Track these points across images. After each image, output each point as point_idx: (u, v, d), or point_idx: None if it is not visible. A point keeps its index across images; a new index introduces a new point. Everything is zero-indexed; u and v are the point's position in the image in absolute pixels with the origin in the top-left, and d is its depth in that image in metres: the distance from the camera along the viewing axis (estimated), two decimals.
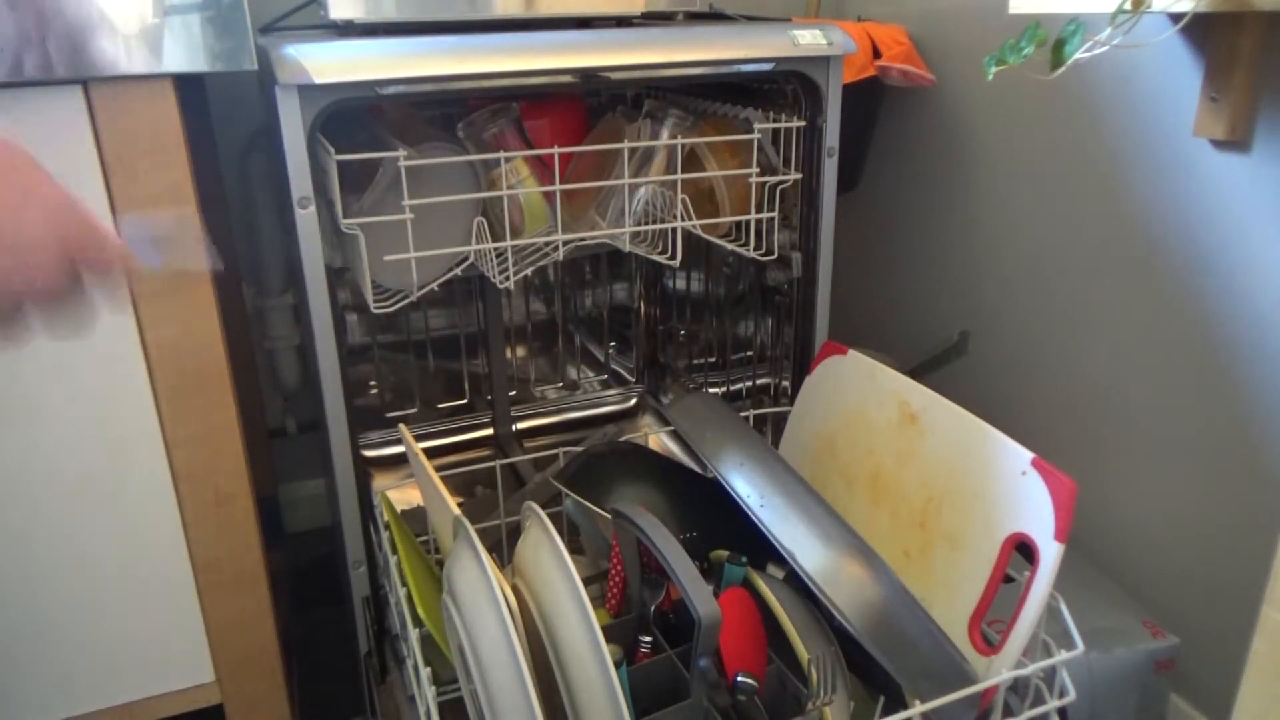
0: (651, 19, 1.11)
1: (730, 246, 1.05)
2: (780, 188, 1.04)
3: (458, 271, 0.98)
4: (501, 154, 0.95)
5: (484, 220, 0.94)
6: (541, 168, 1.00)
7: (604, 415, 1.59)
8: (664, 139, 1.00)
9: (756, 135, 0.99)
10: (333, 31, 0.96)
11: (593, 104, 1.20)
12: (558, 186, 0.93)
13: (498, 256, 0.95)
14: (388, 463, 1.43)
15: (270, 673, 1.01)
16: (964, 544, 0.80)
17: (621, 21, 1.02)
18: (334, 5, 0.90)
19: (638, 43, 0.93)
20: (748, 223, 1.03)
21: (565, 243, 0.96)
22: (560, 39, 0.91)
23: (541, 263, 0.99)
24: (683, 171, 0.97)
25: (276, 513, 1.54)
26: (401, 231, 0.87)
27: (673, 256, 0.99)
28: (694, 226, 1.00)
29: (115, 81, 0.77)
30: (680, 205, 0.98)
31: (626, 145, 0.95)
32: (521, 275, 0.96)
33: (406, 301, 0.93)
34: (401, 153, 0.84)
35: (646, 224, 1.01)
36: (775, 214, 1.04)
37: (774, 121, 1.02)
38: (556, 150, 0.92)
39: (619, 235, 0.99)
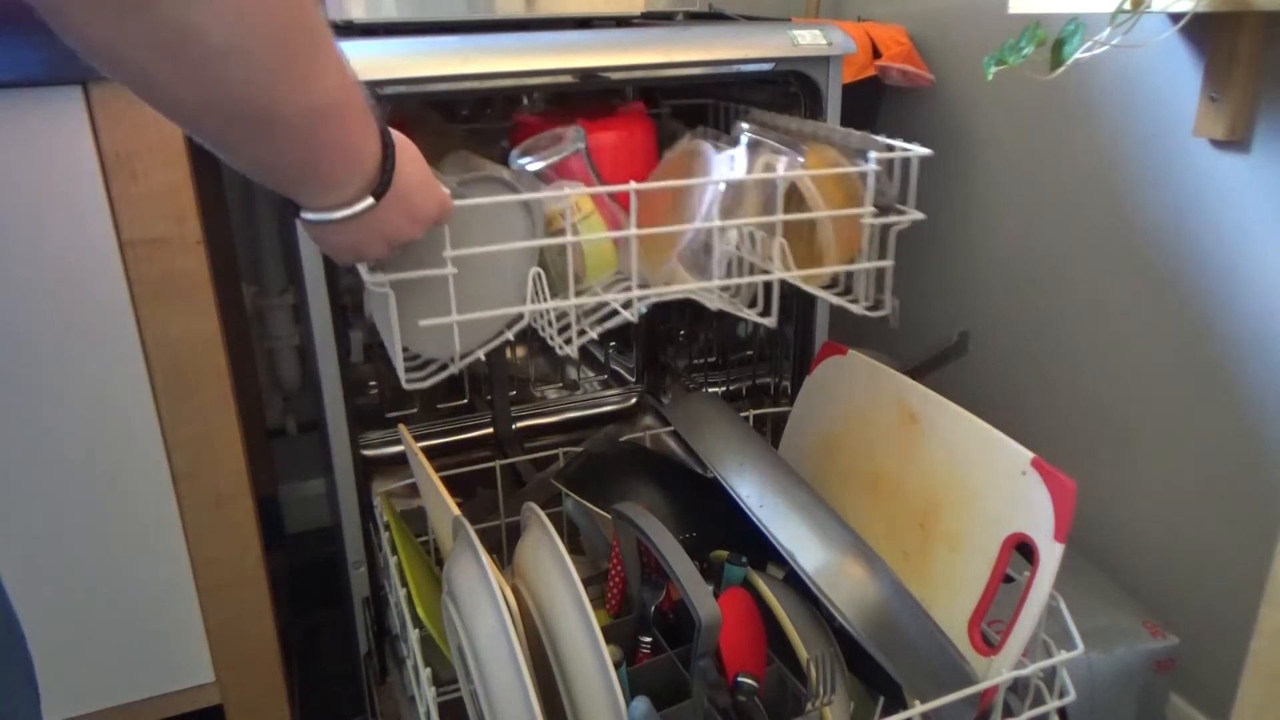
0: (651, 19, 1.11)
1: (835, 300, 0.86)
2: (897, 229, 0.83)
3: (509, 336, 0.79)
4: (567, 192, 0.76)
5: (541, 272, 0.76)
6: (606, 202, 0.85)
7: (604, 415, 1.59)
8: (757, 169, 0.82)
9: (873, 166, 0.81)
10: (332, 31, 0.96)
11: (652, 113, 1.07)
12: (634, 231, 0.75)
13: (558, 316, 0.79)
14: (388, 463, 1.43)
15: (270, 673, 1.01)
16: (964, 544, 0.80)
17: (621, 21, 1.02)
18: (334, 5, 0.90)
19: (638, 43, 0.93)
20: (857, 272, 0.85)
21: (642, 298, 0.79)
22: (560, 39, 0.91)
23: (611, 324, 0.81)
24: (774, 208, 0.80)
25: (276, 513, 1.54)
26: (440, 288, 0.70)
27: (766, 313, 0.82)
28: (796, 278, 0.82)
29: (115, 82, 0.77)
30: (778, 251, 0.79)
31: (722, 180, 0.78)
32: (587, 338, 0.78)
33: (446, 374, 0.77)
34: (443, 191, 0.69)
35: (738, 275, 0.83)
36: (891, 262, 0.83)
37: (893, 151, 0.82)
38: (633, 186, 0.74)
39: (708, 290, 0.81)
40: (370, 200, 0.58)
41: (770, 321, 0.82)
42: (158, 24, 0.40)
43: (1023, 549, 0.75)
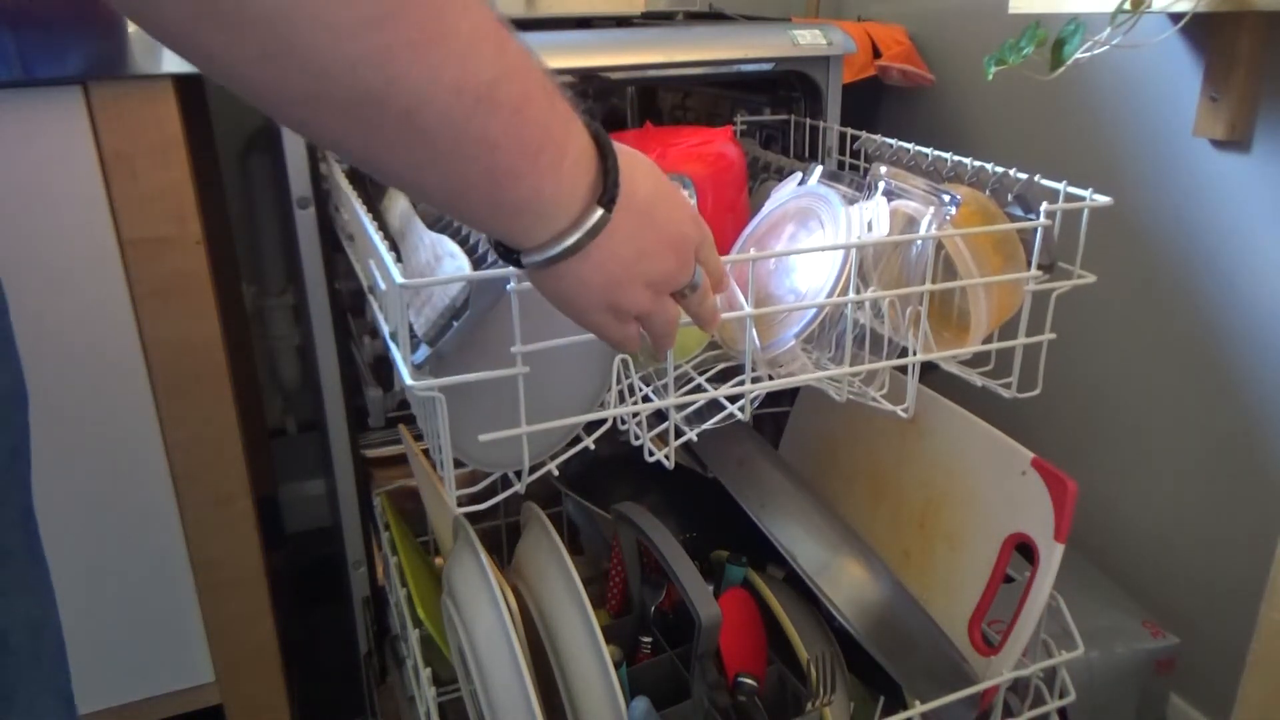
0: (651, 19, 1.11)
1: (981, 381, 0.72)
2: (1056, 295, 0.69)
3: (589, 443, 0.65)
4: None
5: (629, 359, 0.63)
6: None
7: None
8: (901, 225, 0.68)
9: (1043, 221, 0.66)
10: None
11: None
12: (749, 310, 0.61)
13: (651, 415, 0.64)
14: (388, 463, 1.43)
15: (270, 673, 1.01)
16: (964, 544, 0.80)
17: (621, 21, 1.02)
18: None
19: (638, 43, 0.93)
20: (1011, 348, 0.71)
21: (756, 395, 0.65)
22: (560, 39, 0.91)
23: (713, 423, 0.66)
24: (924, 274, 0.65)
25: (276, 513, 1.54)
26: (503, 389, 0.55)
27: (905, 405, 0.70)
28: (941, 359, 0.69)
29: (115, 81, 0.77)
30: (924, 328, 0.66)
31: (853, 244, 0.65)
32: (685, 440, 0.65)
33: (509, 494, 0.64)
34: (511, 270, 0.50)
35: (859, 348, 0.70)
36: (1051, 335, 0.71)
37: (1070, 201, 0.67)
38: (753, 256, 0.64)
39: (838, 380, 0.68)
40: (600, 212, 0.43)
41: (906, 414, 0.70)
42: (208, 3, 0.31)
43: (1023, 549, 0.75)
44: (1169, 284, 1.03)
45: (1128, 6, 0.84)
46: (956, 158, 0.79)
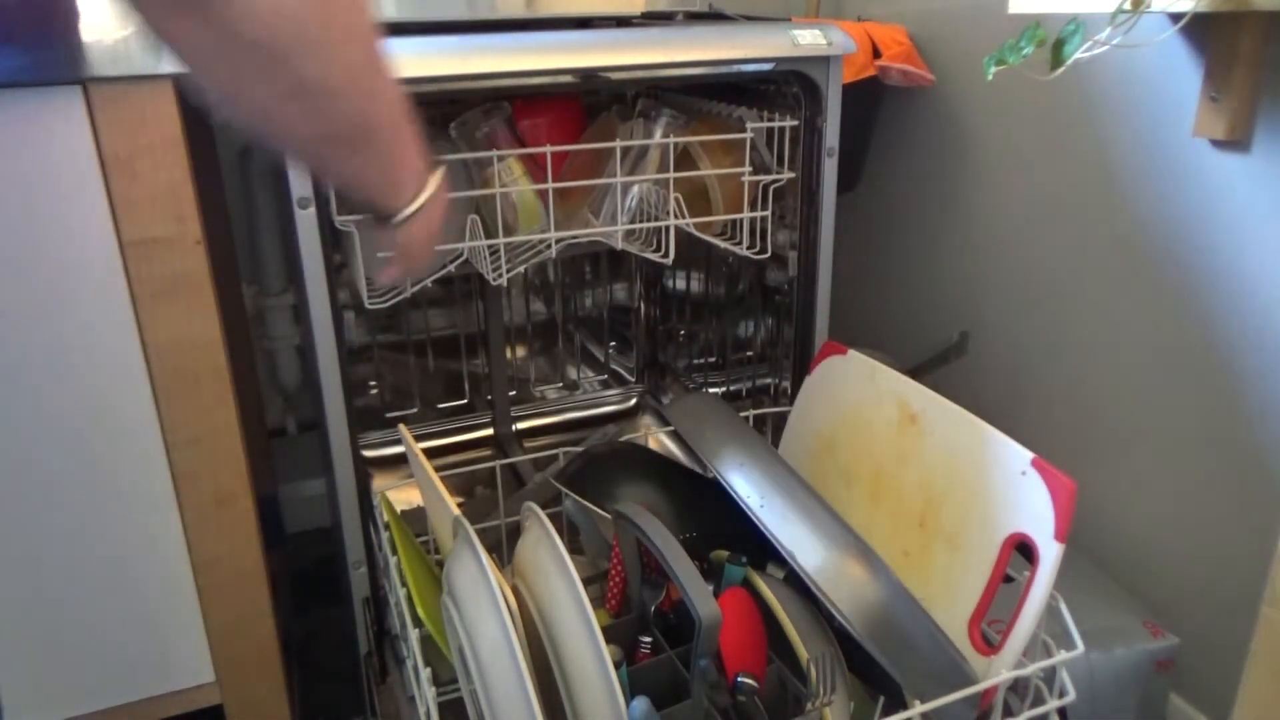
0: (651, 19, 1.11)
1: (724, 245, 1.06)
2: (775, 186, 1.04)
3: (451, 269, 0.99)
4: (494, 153, 0.96)
5: (478, 218, 0.94)
6: (535, 167, 1.01)
7: (604, 415, 1.59)
8: (656, 137, 1.02)
9: (749, 134, 1.00)
10: None
11: (590, 103, 1.20)
12: (550, 185, 0.94)
13: (491, 254, 0.97)
14: (388, 463, 1.43)
15: (270, 673, 1.01)
16: (964, 544, 0.80)
17: (621, 21, 1.02)
18: None
19: (637, 43, 0.93)
20: (741, 221, 1.04)
21: (558, 240, 0.98)
22: (560, 39, 0.91)
23: (534, 260, 1.00)
24: (677, 170, 0.99)
25: (276, 513, 1.54)
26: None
27: (665, 254, 1.01)
28: (686, 225, 1.01)
29: (115, 81, 0.77)
30: (673, 203, 0.99)
31: (619, 144, 0.97)
32: (515, 272, 0.98)
33: (400, 298, 0.95)
34: None
35: (639, 223, 1.03)
36: (768, 213, 1.04)
37: (767, 120, 1.03)
38: (549, 149, 0.93)
39: (611, 233, 1.00)
40: (441, 169, 0.67)
41: (667, 260, 1.00)
42: (294, 82, 0.49)
43: (1023, 549, 0.75)
44: (1168, 284, 1.03)
45: (1128, 6, 0.84)
46: (716, 103, 1.12)
